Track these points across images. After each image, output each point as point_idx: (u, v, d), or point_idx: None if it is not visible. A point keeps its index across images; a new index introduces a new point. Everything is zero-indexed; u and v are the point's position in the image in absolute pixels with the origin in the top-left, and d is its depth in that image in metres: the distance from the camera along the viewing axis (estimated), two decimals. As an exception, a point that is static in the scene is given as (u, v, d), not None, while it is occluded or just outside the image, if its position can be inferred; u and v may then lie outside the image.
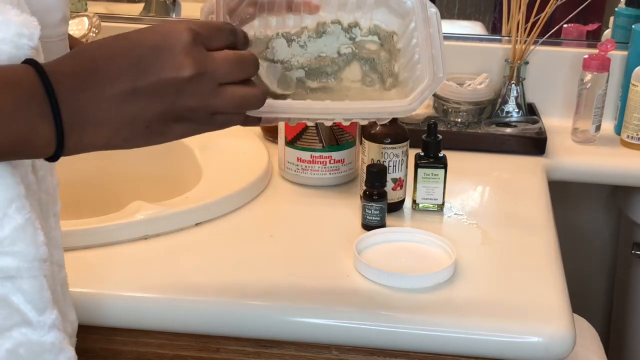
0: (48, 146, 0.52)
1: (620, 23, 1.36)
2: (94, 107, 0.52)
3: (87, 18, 1.24)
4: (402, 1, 0.73)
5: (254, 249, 0.92)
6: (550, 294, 0.84)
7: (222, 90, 0.56)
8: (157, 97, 0.53)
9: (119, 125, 0.53)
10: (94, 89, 0.52)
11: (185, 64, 0.53)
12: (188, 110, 0.54)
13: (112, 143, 0.54)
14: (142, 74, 0.52)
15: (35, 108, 0.50)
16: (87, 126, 0.52)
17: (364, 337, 0.81)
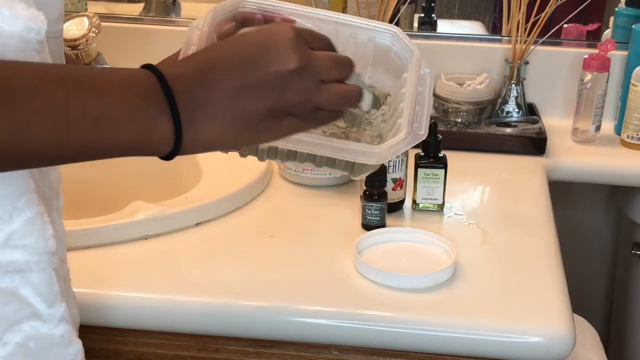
0: (166, 142, 0.54)
1: (620, 23, 1.36)
2: (208, 104, 0.54)
3: (87, 18, 1.24)
4: (399, 57, 0.74)
5: (254, 249, 0.92)
6: (550, 294, 0.84)
7: (324, 86, 0.58)
8: (266, 91, 0.55)
9: (232, 120, 0.54)
10: (207, 87, 0.54)
11: (290, 57, 0.55)
12: (294, 105, 0.57)
13: (226, 139, 0.55)
14: (251, 70, 0.55)
15: (155, 105, 0.52)
16: (203, 121, 0.54)
17: (364, 337, 0.81)
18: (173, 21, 1.45)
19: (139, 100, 0.52)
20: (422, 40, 1.39)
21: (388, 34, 0.74)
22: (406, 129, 0.67)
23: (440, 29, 1.46)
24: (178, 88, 0.53)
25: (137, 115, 0.52)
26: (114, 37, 1.38)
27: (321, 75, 0.58)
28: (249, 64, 0.55)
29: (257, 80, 0.55)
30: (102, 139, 0.51)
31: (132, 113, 0.52)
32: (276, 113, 0.56)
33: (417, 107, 0.68)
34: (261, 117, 0.56)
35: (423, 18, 1.46)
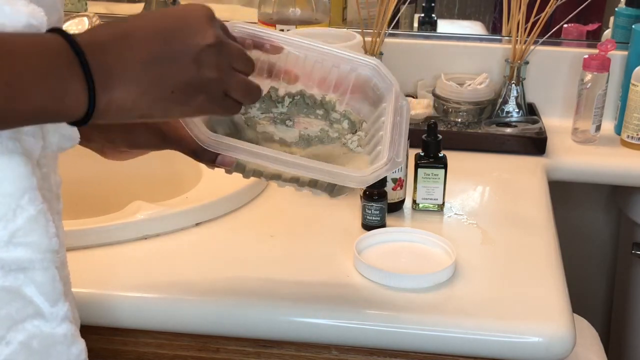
0: (80, 106, 0.53)
1: (620, 23, 1.36)
2: (123, 68, 0.54)
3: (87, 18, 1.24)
4: (377, 88, 0.79)
5: (254, 249, 0.92)
6: (550, 294, 0.84)
7: (234, 72, 0.61)
8: (182, 62, 0.57)
9: (146, 86, 0.55)
10: (123, 52, 0.54)
11: (209, 32, 0.58)
12: (207, 82, 0.59)
13: (140, 105, 0.56)
14: (170, 40, 0.56)
15: (66, 67, 0.52)
16: (117, 84, 0.54)
17: (364, 337, 0.81)
18: (173, 21, 1.45)
19: (50, 63, 0.51)
20: (422, 40, 1.39)
21: (369, 67, 0.79)
22: (387, 156, 0.72)
23: (440, 29, 1.46)
24: (91, 50, 0.52)
25: (49, 78, 0.51)
26: (114, 37, 1.38)
27: (232, 60, 0.60)
28: (167, 34, 0.56)
29: (175, 51, 0.56)
30: (14, 103, 0.50)
31: (43, 77, 0.51)
32: (191, 88, 0.58)
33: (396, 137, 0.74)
34: (177, 88, 0.57)
35: (423, 18, 1.46)
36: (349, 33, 1.14)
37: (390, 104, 0.77)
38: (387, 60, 1.32)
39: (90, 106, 0.53)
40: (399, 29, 1.41)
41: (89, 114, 0.54)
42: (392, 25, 1.29)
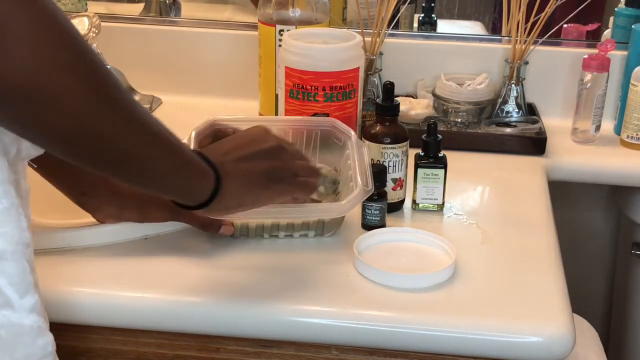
0: (202, 199, 0.73)
1: (620, 23, 1.36)
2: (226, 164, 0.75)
3: (87, 18, 1.24)
4: (338, 139, 1.01)
5: (254, 248, 0.92)
6: (550, 294, 0.84)
7: (296, 160, 0.82)
8: (259, 159, 0.78)
9: (240, 176, 0.75)
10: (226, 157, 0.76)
11: (271, 139, 0.81)
12: (280, 169, 0.79)
13: (239, 197, 0.76)
14: (247, 148, 0.78)
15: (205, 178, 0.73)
16: (225, 184, 0.74)
17: (364, 337, 0.81)
18: (173, 21, 1.45)
19: (199, 176, 0.71)
20: (422, 40, 1.39)
21: (328, 125, 1.01)
22: (358, 187, 0.89)
23: (440, 29, 1.46)
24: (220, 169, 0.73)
25: (192, 181, 0.71)
26: (114, 37, 1.38)
27: (292, 153, 0.82)
28: (245, 145, 0.78)
29: (253, 153, 0.77)
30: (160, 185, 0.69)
31: (189, 179, 0.70)
32: (270, 175, 0.78)
33: (362, 172, 0.91)
34: (260, 177, 0.77)
35: (423, 18, 1.46)
36: (349, 33, 1.14)
37: (353, 149, 0.96)
38: (387, 60, 1.32)
39: (209, 200, 0.73)
40: (399, 29, 1.41)
41: (206, 204, 0.73)
42: (392, 25, 1.29)
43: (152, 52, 1.43)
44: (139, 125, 0.62)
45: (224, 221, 0.91)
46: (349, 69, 1.09)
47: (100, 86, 0.57)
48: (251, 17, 1.37)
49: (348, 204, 0.87)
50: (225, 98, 1.40)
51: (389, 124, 1.00)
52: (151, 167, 0.65)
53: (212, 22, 1.43)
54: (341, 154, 1.00)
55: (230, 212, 0.77)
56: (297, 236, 0.94)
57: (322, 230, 0.94)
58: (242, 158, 0.76)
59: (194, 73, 1.43)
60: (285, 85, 1.11)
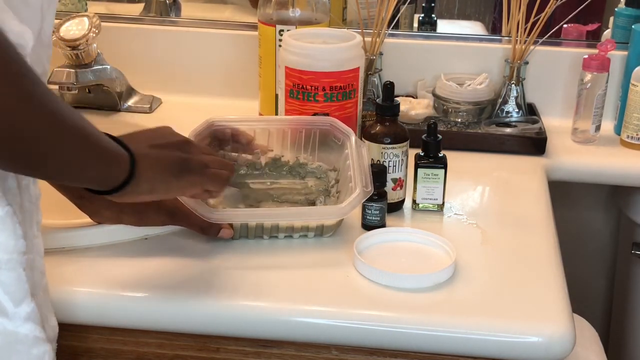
0: (115, 184, 0.70)
1: (620, 23, 1.36)
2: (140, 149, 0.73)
3: (87, 18, 1.24)
4: (337, 138, 1.01)
5: (254, 248, 0.92)
6: (550, 294, 0.84)
7: (205, 154, 0.82)
8: (169, 149, 0.77)
9: (154, 161, 0.74)
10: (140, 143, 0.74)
11: (179, 136, 0.81)
12: (190, 161, 0.78)
13: (151, 177, 0.74)
14: (158, 139, 0.78)
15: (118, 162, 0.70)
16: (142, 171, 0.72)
17: (364, 337, 0.81)
18: (173, 21, 1.45)
19: (114, 163, 0.69)
20: (422, 41, 1.39)
21: (327, 124, 1.02)
22: (358, 189, 0.89)
23: (440, 29, 1.46)
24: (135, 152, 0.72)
25: (107, 166, 0.68)
26: (114, 37, 1.38)
27: (201, 148, 0.83)
28: (156, 138, 0.78)
29: (163, 144, 0.77)
30: (75, 173, 0.66)
31: (105, 168, 0.68)
32: (181, 166, 0.77)
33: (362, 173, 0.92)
34: (171, 165, 0.76)
35: (423, 18, 1.46)
36: (349, 33, 1.14)
37: (352, 149, 0.96)
38: (387, 60, 1.32)
39: (125, 181, 0.70)
40: (399, 29, 1.41)
41: (120, 188, 0.70)
42: (392, 25, 1.29)
43: (152, 52, 1.43)
44: (62, 120, 0.60)
45: (223, 225, 0.91)
46: (349, 69, 1.09)
47: (27, 87, 0.56)
48: (251, 17, 1.37)
49: (348, 207, 0.88)
50: (225, 98, 1.40)
51: (389, 124, 1.00)
52: (71, 161, 0.64)
53: (212, 22, 1.43)
54: (340, 154, 1.01)
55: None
56: (297, 237, 0.94)
57: (322, 231, 0.94)
58: (155, 145, 0.76)
59: (194, 73, 1.43)
60: (285, 85, 1.11)
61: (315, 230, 0.94)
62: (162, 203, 0.89)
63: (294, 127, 1.03)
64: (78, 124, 0.63)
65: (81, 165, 0.65)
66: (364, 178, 0.91)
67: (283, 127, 1.04)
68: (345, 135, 1.00)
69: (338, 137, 1.01)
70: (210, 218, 0.86)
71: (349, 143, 0.98)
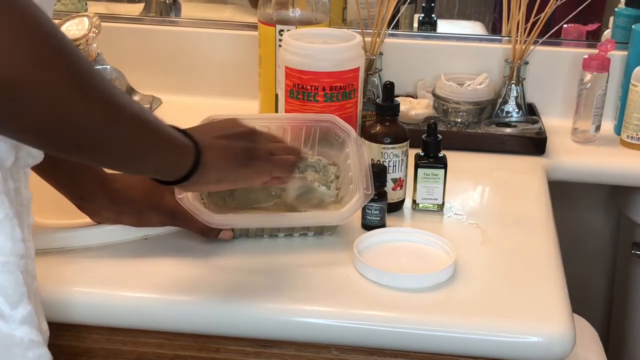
0: (182, 174, 0.72)
1: (620, 23, 1.36)
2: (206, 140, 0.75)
3: (87, 18, 1.24)
4: (338, 135, 1.00)
5: (254, 248, 0.92)
6: (550, 294, 0.84)
7: (269, 142, 0.83)
8: (235, 139, 0.78)
9: (220, 151, 0.76)
10: (206, 135, 0.76)
11: (244, 126, 0.82)
12: (256, 149, 0.80)
13: (218, 166, 0.75)
14: (223, 130, 0.79)
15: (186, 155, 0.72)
16: (207, 160, 0.74)
17: (364, 337, 0.81)
18: (173, 21, 1.45)
19: (178, 152, 0.70)
20: (422, 41, 1.39)
21: (328, 122, 1.01)
22: (359, 193, 0.89)
23: (440, 29, 1.46)
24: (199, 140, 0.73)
25: (171, 159, 0.70)
26: (114, 37, 1.38)
27: (266, 137, 0.84)
28: (222, 129, 0.79)
29: (229, 134, 0.79)
30: (138, 162, 0.67)
31: (169, 157, 0.69)
32: (247, 154, 0.78)
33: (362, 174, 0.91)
34: (237, 155, 0.77)
35: (423, 18, 1.46)
36: (349, 33, 1.14)
37: (353, 148, 0.96)
38: (387, 60, 1.32)
39: (191, 171, 0.72)
40: (399, 29, 1.41)
41: (186, 177, 0.72)
42: (392, 26, 1.29)
43: (152, 52, 1.43)
44: (119, 111, 0.61)
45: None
46: (349, 69, 1.09)
47: (78, 78, 0.56)
48: (251, 17, 1.37)
49: (349, 211, 0.88)
50: (225, 98, 1.40)
51: (389, 124, 1.00)
52: (133, 150, 0.65)
53: (212, 22, 1.43)
54: (341, 151, 1.01)
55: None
56: (297, 235, 0.94)
57: (322, 230, 0.94)
58: (221, 136, 0.77)
59: (194, 73, 1.43)
60: (285, 85, 1.11)
61: (316, 229, 0.94)
62: (162, 204, 0.89)
63: (294, 124, 1.03)
64: (139, 113, 0.64)
65: (143, 154, 0.66)
66: (365, 180, 0.91)
67: (283, 124, 1.04)
68: (346, 133, 1.00)
69: (339, 135, 1.01)
70: (211, 222, 0.86)
71: (350, 141, 0.98)
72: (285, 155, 0.83)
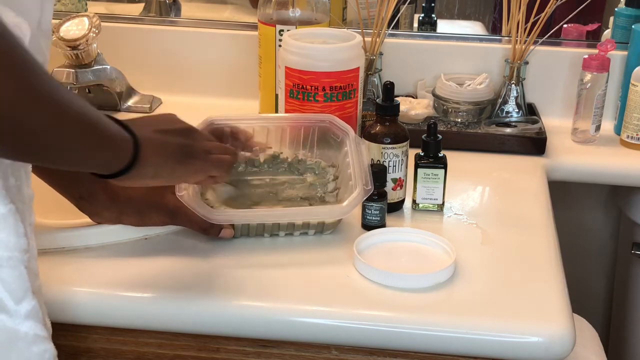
0: (119, 167, 0.70)
1: (620, 23, 1.36)
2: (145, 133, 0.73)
3: (87, 18, 1.24)
4: (336, 135, 1.01)
5: (255, 247, 0.92)
6: (550, 294, 0.84)
7: (208, 141, 0.82)
8: (173, 135, 0.77)
9: (158, 145, 0.74)
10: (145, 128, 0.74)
11: (182, 123, 0.81)
12: (193, 147, 0.78)
13: (155, 161, 0.73)
14: (162, 125, 0.77)
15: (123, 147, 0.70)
16: (145, 150, 0.72)
17: (364, 337, 0.81)
18: (173, 21, 1.45)
19: (118, 148, 0.68)
20: (422, 40, 1.39)
21: (326, 121, 1.02)
22: (358, 188, 0.90)
23: (440, 29, 1.46)
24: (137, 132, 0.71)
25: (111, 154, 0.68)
26: (114, 37, 1.38)
27: (203, 135, 0.83)
28: (160, 123, 0.78)
29: (168, 130, 0.77)
30: (79, 159, 0.65)
31: (109, 153, 0.68)
32: (185, 151, 0.77)
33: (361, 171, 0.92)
34: (175, 151, 0.76)
35: (423, 18, 1.46)
36: (349, 33, 1.14)
37: (351, 147, 0.97)
38: (387, 60, 1.32)
39: (129, 165, 0.70)
40: (399, 29, 1.41)
41: (124, 171, 0.70)
42: (392, 26, 1.29)
43: (152, 52, 1.43)
44: (62, 111, 0.60)
45: (224, 225, 0.91)
46: (349, 69, 1.09)
47: (29, 79, 0.55)
48: (251, 17, 1.37)
49: (349, 206, 0.89)
50: (225, 98, 1.40)
51: (389, 124, 1.00)
52: (73, 150, 0.63)
53: (212, 22, 1.43)
54: (339, 151, 1.01)
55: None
56: (297, 234, 0.94)
57: (322, 228, 0.94)
58: (160, 131, 0.76)
59: (194, 73, 1.43)
60: (285, 85, 1.11)
61: (316, 228, 0.94)
62: (163, 203, 0.89)
63: (293, 125, 1.03)
64: (81, 112, 0.62)
65: (85, 152, 0.65)
66: (364, 176, 0.91)
67: (282, 124, 1.04)
68: (344, 133, 1.00)
69: (337, 135, 1.01)
70: (211, 219, 0.86)
71: (348, 140, 0.98)
72: (221, 154, 0.82)
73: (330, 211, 0.92)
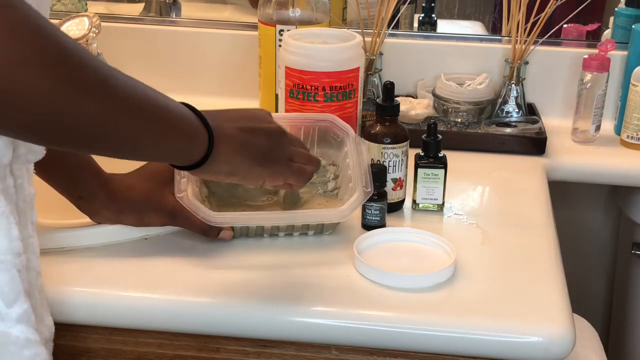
0: (195, 159, 0.70)
1: (620, 23, 1.36)
2: (227, 134, 0.72)
3: (87, 18, 1.24)
4: (336, 135, 1.01)
5: (255, 248, 0.92)
6: (550, 294, 0.84)
7: (294, 148, 0.80)
8: (258, 135, 0.76)
9: (238, 144, 0.73)
10: (228, 124, 0.74)
11: (273, 122, 0.80)
12: (277, 151, 0.77)
13: (232, 162, 0.73)
14: (250, 122, 0.76)
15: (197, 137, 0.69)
16: (222, 143, 0.71)
17: (364, 337, 0.81)
18: (173, 21, 1.45)
19: (189, 139, 0.68)
20: (422, 40, 1.39)
21: (327, 121, 1.01)
22: (358, 190, 0.89)
23: (440, 29, 1.46)
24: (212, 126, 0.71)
25: (182, 145, 0.68)
26: (114, 37, 1.38)
27: (292, 140, 0.81)
28: (247, 120, 0.76)
29: (252, 128, 0.75)
30: (146, 150, 0.65)
31: (179, 143, 0.67)
32: (266, 155, 0.76)
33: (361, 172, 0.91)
34: (256, 153, 0.75)
35: (423, 18, 1.46)
36: (349, 33, 1.14)
37: (351, 147, 0.96)
38: (387, 60, 1.32)
39: (202, 159, 0.69)
40: (399, 29, 1.41)
41: (198, 165, 0.70)
42: (392, 26, 1.29)
43: (152, 52, 1.43)
44: (116, 102, 0.60)
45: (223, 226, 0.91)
46: (349, 69, 1.09)
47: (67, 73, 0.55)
48: (251, 17, 1.37)
49: (348, 209, 0.88)
50: (225, 98, 1.40)
51: (389, 124, 1.00)
52: (134, 140, 0.63)
53: (212, 22, 1.43)
54: (339, 150, 1.01)
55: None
56: (297, 235, 0.94)
57: (322, 229, 0.94)
58: (244, 129, 0.74)
59: (194, 73, 1.43)
60: (285, 85, 1.11)
61: (316, 229, 0.94)
62: (163, 203, 0.89)
63: (293, 124, 1.03)
64: (140, 103, 0.62)
65: (147, 143, 0.64)
66: (364, 178, 0.91)
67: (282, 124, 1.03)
68: (345, 133, 0.99)
69: (337, 134, 1.01)
70: (210, 221, 0.86)
71: (348, 140, 0.98)
72: (304, 163, 0.81)
73: (330, 214, 0.91)
